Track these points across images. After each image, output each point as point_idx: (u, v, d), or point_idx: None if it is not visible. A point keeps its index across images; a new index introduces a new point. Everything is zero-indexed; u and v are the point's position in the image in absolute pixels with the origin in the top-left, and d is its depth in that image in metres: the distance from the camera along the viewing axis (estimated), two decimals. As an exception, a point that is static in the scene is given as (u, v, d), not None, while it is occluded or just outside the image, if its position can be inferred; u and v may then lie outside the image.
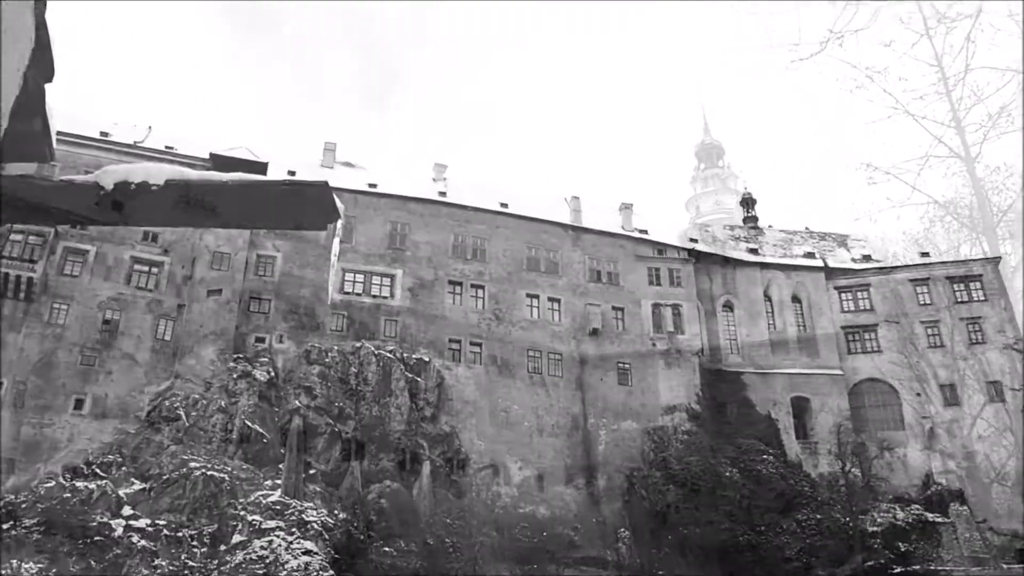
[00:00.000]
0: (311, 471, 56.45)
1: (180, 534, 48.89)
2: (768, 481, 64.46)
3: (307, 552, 48.13)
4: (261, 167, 64.88)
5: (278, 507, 51.03)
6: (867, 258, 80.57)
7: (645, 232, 76.33)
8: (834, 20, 53.72)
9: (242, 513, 50.38)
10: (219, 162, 64.05)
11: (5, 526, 45.84)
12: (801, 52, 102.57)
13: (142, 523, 48.73)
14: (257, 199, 5.07)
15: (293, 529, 49.63)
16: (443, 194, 73.21)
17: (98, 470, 53.10)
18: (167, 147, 67.02)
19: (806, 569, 59.01)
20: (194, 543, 48.71)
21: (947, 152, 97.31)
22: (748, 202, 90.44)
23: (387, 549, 49.81)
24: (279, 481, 53.82)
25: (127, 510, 49.60)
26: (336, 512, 53.78)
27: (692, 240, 78.25)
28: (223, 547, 48.58)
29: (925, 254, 79.20)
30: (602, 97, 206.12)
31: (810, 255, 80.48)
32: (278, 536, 48.55)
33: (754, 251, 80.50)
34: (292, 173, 66.65)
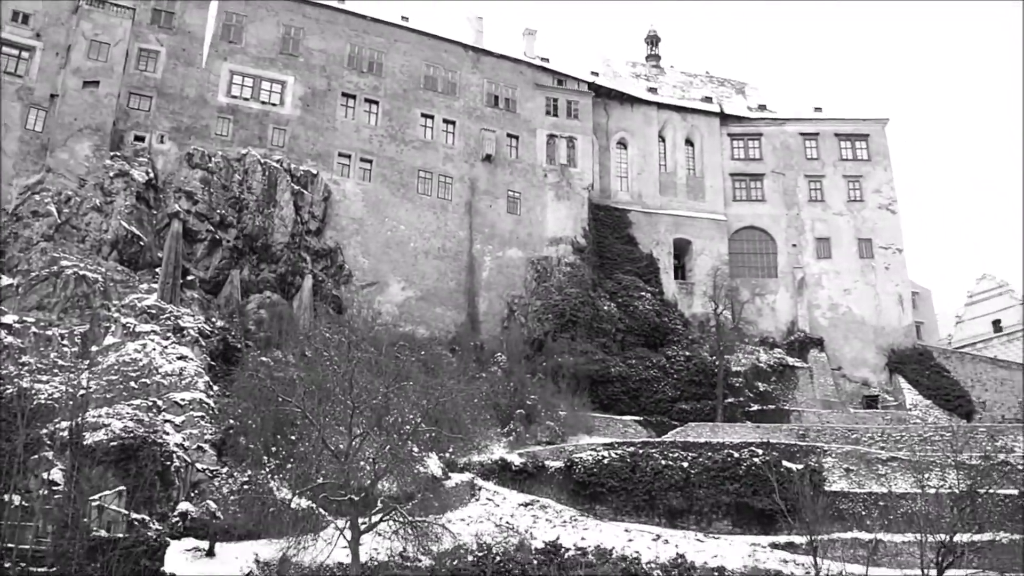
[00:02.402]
0: (189, 277, 55.38)
1: (50, 332, 47.69)
2: (643, 317, 66.40)
3: (182, 357, 47.70)
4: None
5: (153, 311, 50.11)
6: (762, 107, 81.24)
7: (547, 60, 74.91)
8: None
9: (116, 315, 49.33)
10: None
11: None
12: None
13: (9, 319, 47.31)
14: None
15: (168, 334, 48.95)
16: (341, 0, 69.79)
17: (-39, 261, 50.90)
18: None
19: (671, 402, 61.73)
20: (64, 342, 47.66)
21: None
22: (652, 40, 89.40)
23: (264, 359, 49.70)
24: (155, 285, 52.68)
25: (-7, 305, 47.94)
26: (214, 320, 53.22)
27: (593, 73, 77.24)
28: (95, 348, 47.68)
29: (818, 108, 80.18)
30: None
31: (707, 100, 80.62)
32: (152, 340, 47.84)
33: (653, 91, 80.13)
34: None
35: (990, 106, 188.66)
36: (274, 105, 64.15)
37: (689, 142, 78.08)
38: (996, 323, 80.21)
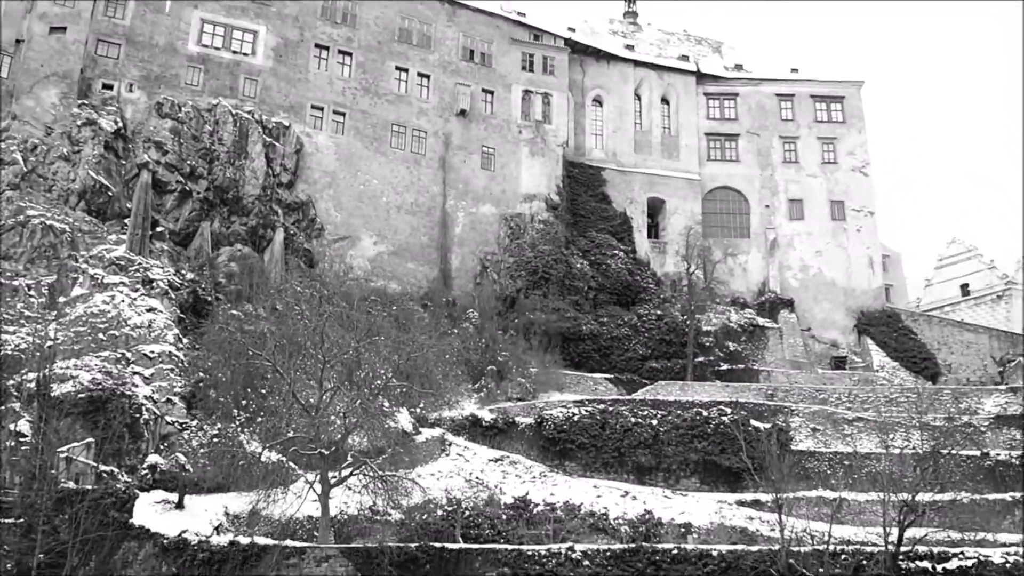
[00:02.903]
0: (159, 229, 54.72)
1: (16, 283, 47.04)
2: (616, 275, 66.58)
3: (151, 310, 47.22)
4: None
5: (122, 263, 49.50)
6: (739, 67, 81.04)
7: (523, 15, 74.13)
8: None
9: (83, 266, 48.70)
10: None
11: None
12: None
13: (-26, 268, 46.57)
14: None
15: (137, 286, 48.42)
16: (315, -52, 68.48)
17: (-76, 211, 49.99)
18: None
19: (641, 360, 62.03)
20: (31, 293, 47.03)
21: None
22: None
23: (235, 312, 49.32)
24: (124, 236, 52.04)
25: (-44, 253, 47.20)
26: (183, 272, 52.64)
27: (570, 29, 76.60)
28: (62, 299, 47.11)
29: (795, 69, 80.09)
30: None
31: (684, 58, 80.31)
32: (121, 292, 47.31)
33: (630, 48, 79.65)
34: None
35: (965, 71, 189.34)
36: (246, 55, 63.16)
37: (665, 100, 77.85)
38: (964, 287, 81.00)
